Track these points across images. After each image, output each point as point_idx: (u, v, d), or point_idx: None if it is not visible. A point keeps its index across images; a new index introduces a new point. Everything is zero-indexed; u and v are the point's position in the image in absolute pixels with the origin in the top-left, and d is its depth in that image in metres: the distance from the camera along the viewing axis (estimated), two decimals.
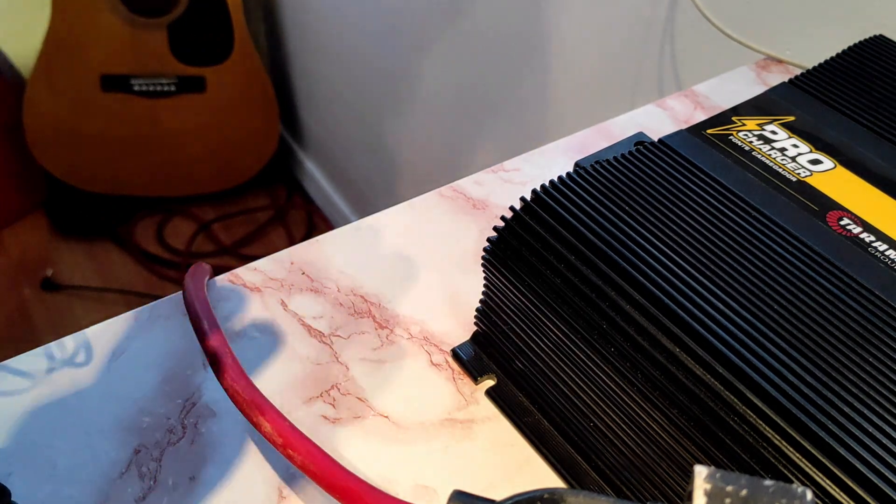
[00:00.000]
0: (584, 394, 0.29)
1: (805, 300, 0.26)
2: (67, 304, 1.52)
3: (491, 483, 0.31)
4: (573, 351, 0.28)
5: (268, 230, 1.71)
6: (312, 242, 0.40)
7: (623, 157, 0.31)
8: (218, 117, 1.58)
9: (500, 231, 0.30)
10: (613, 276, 0.26)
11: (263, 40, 1.71)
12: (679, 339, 0.25)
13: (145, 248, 1.62)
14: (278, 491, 0.29)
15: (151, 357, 0.34)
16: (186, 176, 1.64)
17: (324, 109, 1.58)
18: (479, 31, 0.99)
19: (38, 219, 1.65)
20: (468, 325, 0.36)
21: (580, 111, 0.86)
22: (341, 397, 0.33)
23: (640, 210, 0.29)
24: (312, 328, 0.36)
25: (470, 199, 0.43)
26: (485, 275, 0.31)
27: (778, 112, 0.35)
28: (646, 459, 0.27)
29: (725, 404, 0.23)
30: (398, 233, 0.41)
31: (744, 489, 0.14)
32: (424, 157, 1.27)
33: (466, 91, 1.07)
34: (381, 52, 1.24)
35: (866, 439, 0.22)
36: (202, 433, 0.31)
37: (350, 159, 1.56)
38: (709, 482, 0.14)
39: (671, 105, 0.52)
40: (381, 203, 1.47)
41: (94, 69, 1.46)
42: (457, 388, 0.34)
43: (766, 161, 0.32)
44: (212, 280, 0.37)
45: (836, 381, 0.23)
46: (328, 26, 1.40)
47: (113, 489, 0.29)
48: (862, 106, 0.36)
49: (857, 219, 0.30)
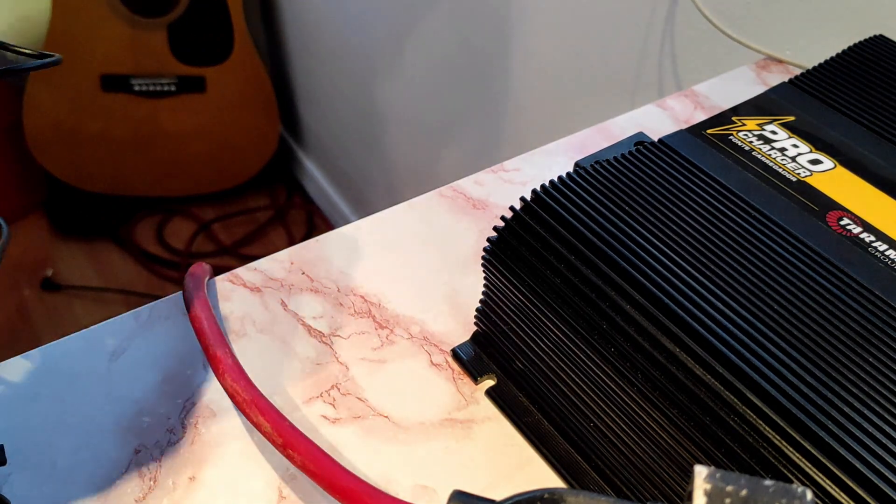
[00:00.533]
0: (584, 394, 0.29)
1: (805, 300, 0.26)
2: (67, 304, 1.52)
3: (491, 483, 0.31)
4: (573, 351, 0.28)
5: (268, 230, 1.71)
6: (312, 242, 0.40)
7: (623, 157, 0.31)
8: (218, 117, 1.58)
9: (500, 231, 0.30)
10: (613, 276, 0.26)
11: (263, 40, 1.71)
12: (679, 339, 0.25)
13: (145, 248, 1.62)
14: (278, 491, 0.29)
15: (151, 357, 0.34)
16: (186, 176, 1.64)
17: (324, 109, 1.58)
18: (479, 31, 0.99)
19: (38, 219, 1.65)
20: (468, 325, 0.36)
21: (580, 111, 0.86)
22: (341, 397, 0.33)
23: (640, 210, 0.29)
24: (312, 328, 0.36)
25: (470, 199, 0.43)
26: (485, 275, 0.31)
27: (778, 112, 0.35)
28: (646, 459, 0.27)
29: (725, 404, 0.23)
30: (398, 233, 0.41)
31: (744, 489, 0.14)
32: (424, 157, 1.27)
33: (467, 91, 1.07)
34: (381, 52, 1.24)
35: (866, 439, 0.22)
36: (202, 433, 0.31)
37: (350, 159, 1.56)
38: (709, 482, 0.14)
39: (671, 105, 0.52)
40: (381, 203, 1.47)
41: (95, 69, 1.46)
42: (457, 389, 0.34)
43: (766, 161, 0.32)
44: (212, 280, 0.37)
45: (836, 381, 0.23)
46: (328, 26, 1.40)
47: (113, 489, 0.29)
48: (862, 106, 0.36)
49: (857, 219, 0.30)
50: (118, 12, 1.41)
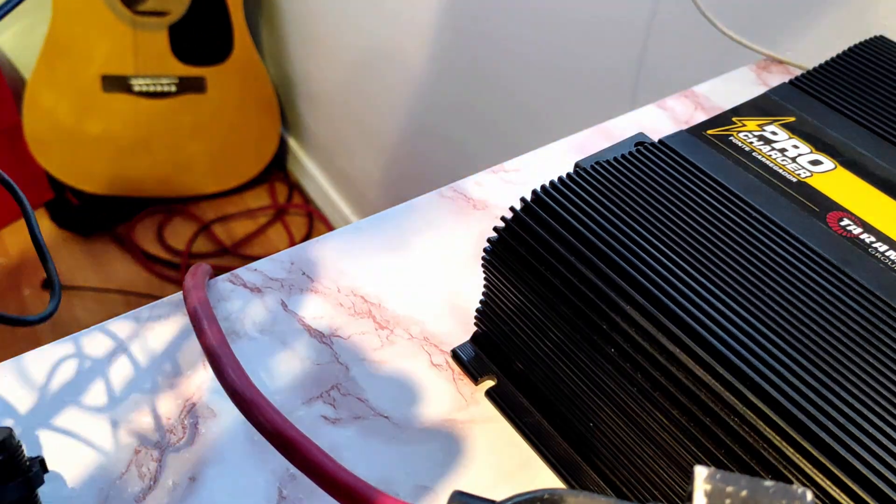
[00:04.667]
0: (584, 394, 0.29)
1: (805, 301, 0.26)
2: (67, 304, 1.52)
3: (491, 483, 0.31)
4: (573, 351, 0.28)
5: (268, 230, 1.71)
6: (312, 242, 0.40)
7: (623, 158, 0.31)
8: (218, 117, 1.57)
9: (500, 231, 0.30)
10: (614, 277, 0.26)
11: (264, 40, 1.71)
12: (679, 340, 0.25)
13: (145, 248, 1.62)
14: (278, 491, 0.29)
15: (151, 357, 0.34)
16: (187, 176, 1.64)
17: (324, 109, 1.58)
18: (479, 31, 0.99)
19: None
20: (468, 325, 0.36)
21: (580, 111, 0.86)
22: (341, 398, 0.33)
23: (640, 211, 0.29)
24: (312, 328, 0.36)
25: (470, 199, 0.43)
26: (485, 275, 0.31)
27: (778, 113, 0.35)
28: (646, 460, 0.27)
29: (726, 405, 0.23)
30: (398, 233, 0.41)
31: (744, 490, 0.14)
32: (424, 157, 1.27)
33: (467, 91, 1.07)
34: (381, 52, 1.24)
35: (866, 440, 0.22)
36: (202, 433, 0.31)
37: (350, 159, 1.56)
38: (709, 483, 0.14)
39: (671, 105, 0.52)
40: (381, 203, 1.47)
41: (95, 69, 1.46)
42: (457, 389, 0.34)
43: (766, 162, 0.32)
44: (212, 280, 0.37)
45: (837, 382, 0.23)
46: (329, 26, 1.40)
47: (113, 489, 0.29)
48: (862, 107, 0.36)
49: (857, 219, 0.30)
50: (119, 13, 1.41)
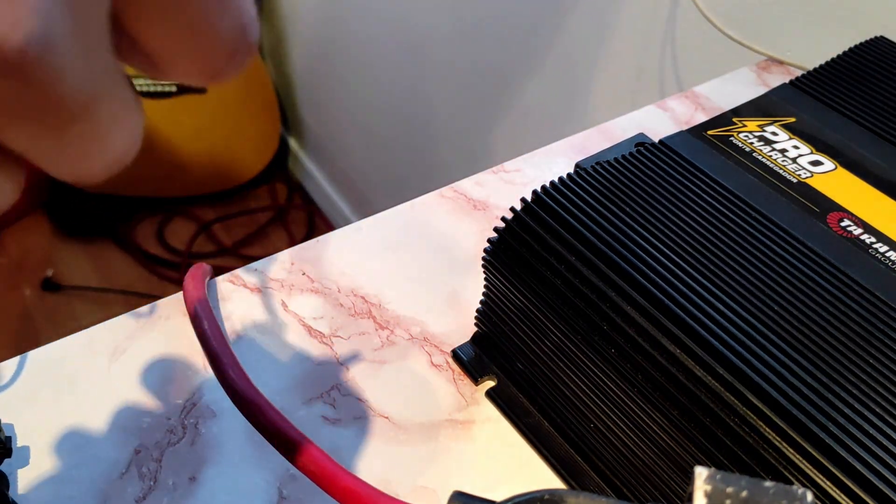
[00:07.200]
0: (584, 395, 0.29)
1: (805, 301, 0.26)
2: (68, 304, 1.52)
3: (491, 483, 0.31)
4: (574, 352, 0.28)
5: (268, 230, 1.71)
6: (313, 243, 0.40)
7: (624, 158, 0.31)
8: (218, 118, 1.58)
9: (500, 232, 0.30)
10: (614, 278, 0.26)
11: (264, 40, 1.71)
12: (679, 341, 0.25)
13: (146, 248, 1.62)
14: (278, 491, 0.29)
15: (151, 357, 0.34)
16: (187, 176, 1.64)
17: (324, 109, 1.58)
18: (479, 31, 0.99)
19: (38, 219, 1.65)
20: (468, 325, 0.36)
21: (581, 111, 0.86)
22: (341, 398, 0.33)
23: (640, 211, 0.29)
24: (313, 329, 0.35)
25: (470, 199, 0.43)
26: (485, 275, 0.31)
27: (779, 113, 0.35)
28: (646, 460, 0.27)
29: (726, 405, 0.23)
30: (398, 233, 0.41)
31: (744, 490, 0.14)
32: (425, 158, 1.27)
33: (467, 92, 1.07)
34: (381, 52, 1.24)
35: (867, 441, 0.22)
36: (202, 433, 0.31)
37: (350, 159, 1.56)
38: (709, 483, 0.14)
39: (672, 106, 0.52)
40: (381, 203, 1.47)
41: None
42: (457, 389, 0.34)
43: (766, 162, 0.32)
44: (212, 280, 0.37)
45: (837, 383, 0.23)
46: (329, 27, 1.40)
47: (113, 489, 0.29)
48: (863, 107, 0.36)
49: (857, 220, 0.30)
50: None
